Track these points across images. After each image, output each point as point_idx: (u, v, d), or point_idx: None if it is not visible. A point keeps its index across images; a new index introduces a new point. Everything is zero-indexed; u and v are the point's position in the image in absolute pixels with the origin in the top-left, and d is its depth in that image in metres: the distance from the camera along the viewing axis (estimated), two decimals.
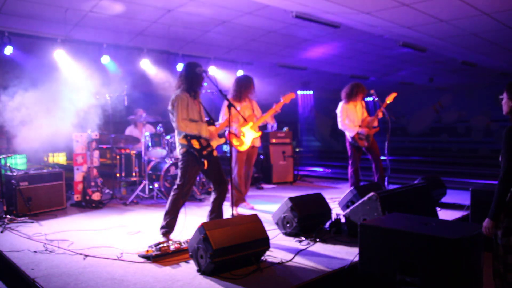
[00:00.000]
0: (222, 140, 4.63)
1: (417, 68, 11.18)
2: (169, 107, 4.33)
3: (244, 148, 5.48)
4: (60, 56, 6.94)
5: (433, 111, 17.23)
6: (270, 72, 11.14)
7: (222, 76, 9.37)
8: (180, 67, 8.34)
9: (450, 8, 5.88)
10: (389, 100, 6.49)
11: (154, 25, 6.75)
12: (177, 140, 4.39)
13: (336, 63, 10.31)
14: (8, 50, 6.49)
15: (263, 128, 9.30)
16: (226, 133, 5.42)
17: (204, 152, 4.32)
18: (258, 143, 5.79)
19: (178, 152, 4.40)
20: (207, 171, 4.42)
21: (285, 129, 9.11)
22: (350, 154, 6.65)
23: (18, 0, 5.45)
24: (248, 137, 5.55)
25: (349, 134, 6.54)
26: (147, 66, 8.12)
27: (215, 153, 4.47)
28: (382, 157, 6.49)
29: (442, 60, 9.96)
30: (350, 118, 6.54)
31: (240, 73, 9.41)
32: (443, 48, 8.52)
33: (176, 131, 4.38)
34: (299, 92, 14.35)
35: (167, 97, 4.70)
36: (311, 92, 13.52)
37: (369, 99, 6.31)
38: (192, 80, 4.36)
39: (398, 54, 9.33)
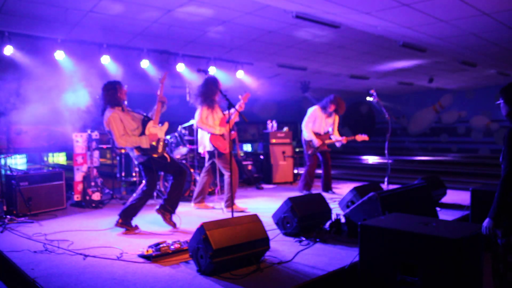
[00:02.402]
0: (165, 126, 4.81)
1: (417, 68, 11.17)
2: (106, 128, 4.57)
3: (227, 150, 5.62)
4: (60, 56, 6.94)
5: (433, 111, 17.23)
6: (270, 72, 11.13)
7: (222, 76, 9.38)
8: (180, 67, 8.34)
9: (450, 8, 5.88)
10: (359, 139, 6.96)
11: (154, 25, 6.75)
12: (131, 152, 4.66)
13: (336, 63, 10.30)
14: (8, 50, 6.49)
15: (263, 127, 9.30)
16: (209, 137, 5.59)
17: (159, 150, 4.61)
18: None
19: (136, 160, 4.67)
20: (167, 164, 4.67)
21: (285, 129, 9.11)
22: (306, 153, 7.08)
23: (18, 0, 5.44)
24: (227, 139, 5.67)
25: (304, 136, 7.01)
26: (147, 66, 8.12)
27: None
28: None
29: (442, 60, 9.96)
30: (315, 123, 7.00)
31: (241, 73, 9.42)
32: (443, 48, 8.52)
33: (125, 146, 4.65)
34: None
35: (167, 97, 4.72)
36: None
37: (370, 99, 6.35)
38: (112, 96, 4.61)
39: (398, 54, 9.33)
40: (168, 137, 6.76)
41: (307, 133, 6.95)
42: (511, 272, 2.65)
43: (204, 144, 5.82)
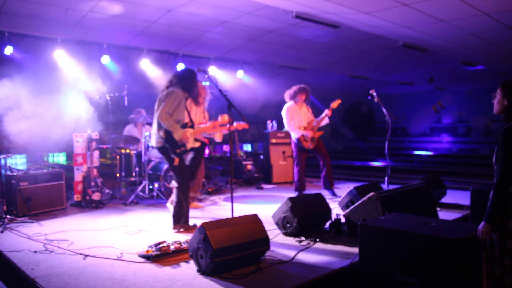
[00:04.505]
0: (197, 144, 4.81)
1: (417, 68, 11.18)
2: (161, 96, 4.54)
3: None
4: (60, 56, 6.94)
5: (433, 111, 17.23)
6: (270, 72, 11.14)
7: (222, 76, 9.38)
8: (180, 67, 8.34)
9: (450, 8, 5.88)
10: (334, 105, 6.73)
11: (154, 25, 6.75)
12: (155, 131, 4.58)
13: (336, 63, 10.31)
14: (8, 50, 6.49)
15: (263, 127, 9.31)
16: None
17: (178, 150, 4.53)
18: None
19: (154, 143, 4.62)
20: (175, 167, 4.63)
21: (285, 129, 9.10)
22: (296, 154, 6.88)
23: (18, 0, 5.45)
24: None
25: (294, 136, 6.76)
26: (147, 66, 8.12)
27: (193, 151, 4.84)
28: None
29: (442, 60, 9.96)
30: (295, 119, 6.77)
31: (240, 73, 9.42)
32: (443, 48, 8.52)
33: (155, 123, 4.58)
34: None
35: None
36: None
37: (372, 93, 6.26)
38: (190, 84, 4.65)
39: (398, 54, 9.33)
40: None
41: (294, 132, 6.71)
42: (508, 276, 2.62)
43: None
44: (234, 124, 5.61)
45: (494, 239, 2.65)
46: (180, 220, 4.59)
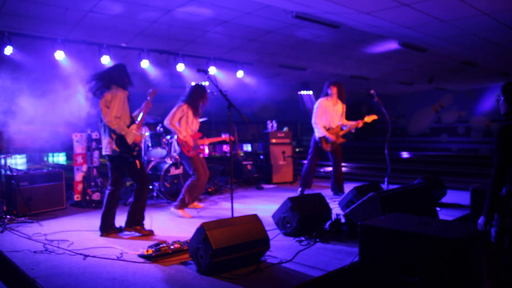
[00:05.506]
0: (144, 135, 4.70)
1: (417, 68, 11.17)
2: (103, 104, 4.39)
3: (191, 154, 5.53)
4: (60, 56, 6.93)
5: (433, 111, 17.21)
6: (270, 72, 11.13)
7: (222, 76, 9.38)
8: (180, 67, 8.35)
9: (450, 8, 5.88)
10: (368, 119, 6.81)
11: (154, 25, 6.75)
12: (107, 142, 4.41)
13: (336, 63, 10.31)
14: (8, 50, 6.48)
15: (263, 127, 9.30)
16: (176, 137, 5.55)
17: (134, 153, 4.46)
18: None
19: (109, 152, 4.43)
20: (134, 170, 4.52)
21: (285, 129, 9.10)
22: (312, 149, 6.80)
23: (18, 0, 5.45)
24: (194, 147, 5.61)
25: (317, 134, 6.67)
26: (147, 66, 8.11)
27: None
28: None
29: (442, 60, 9.95)
30: (323, 118, 6.67)
31: (240, 73, 9.42)
32: (443, 48, 8.51)
33: (105, 134, 4.43)
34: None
35: (167, 97, 4.72)
36: (311, 92, 13.51)
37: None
38: (128, 79, 4.60)
39: (398, 54, 9.32)
40: (168, 137, 6.74)
41: (319, 130, 6.57)
42: (503, 273, 2.66)
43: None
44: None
45: (492, 235, 2.70)
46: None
